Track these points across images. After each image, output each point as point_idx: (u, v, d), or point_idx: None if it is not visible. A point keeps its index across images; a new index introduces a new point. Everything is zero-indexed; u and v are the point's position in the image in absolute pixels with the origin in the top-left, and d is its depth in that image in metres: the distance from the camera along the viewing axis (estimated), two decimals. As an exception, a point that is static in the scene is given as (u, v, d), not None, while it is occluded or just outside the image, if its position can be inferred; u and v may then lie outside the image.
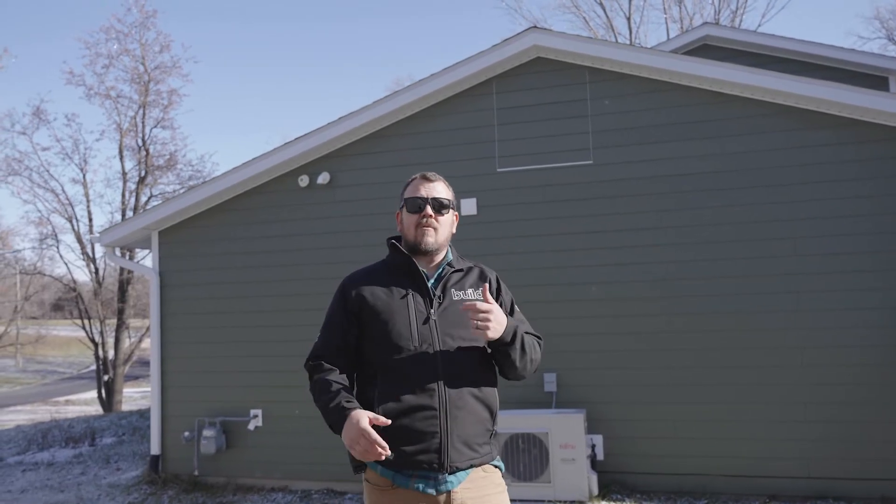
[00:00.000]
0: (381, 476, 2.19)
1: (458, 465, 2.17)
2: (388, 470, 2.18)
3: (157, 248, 7.66)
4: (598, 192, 6.45)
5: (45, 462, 9.15)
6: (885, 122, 5.80)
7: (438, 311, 2.28)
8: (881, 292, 5.74)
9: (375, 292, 2.30)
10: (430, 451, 2.15)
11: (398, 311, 2.26)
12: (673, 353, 6.16)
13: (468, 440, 2.20)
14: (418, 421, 2.16)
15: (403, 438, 2.14)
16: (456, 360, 2.23)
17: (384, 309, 2.27)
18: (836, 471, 5.71)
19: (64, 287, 23.65)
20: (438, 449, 2.15)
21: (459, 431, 2.18)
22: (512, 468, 5.90)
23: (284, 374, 7.06)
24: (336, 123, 7.05)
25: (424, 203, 2.34)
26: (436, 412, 2.16)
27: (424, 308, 2.28)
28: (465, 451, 2.18)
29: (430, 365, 2.20)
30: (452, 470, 2.16)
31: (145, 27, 20.21)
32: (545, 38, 6.60)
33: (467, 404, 2.21)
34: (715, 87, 6.22)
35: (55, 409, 19.20)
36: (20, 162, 19.77)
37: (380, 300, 2.28)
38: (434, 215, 2.34)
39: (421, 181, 2.39)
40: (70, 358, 37.86)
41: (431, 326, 2.25)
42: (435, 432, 2.15)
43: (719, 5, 22.50)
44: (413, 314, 2.26)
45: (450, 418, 2.17)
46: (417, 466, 2.15)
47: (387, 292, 2.30)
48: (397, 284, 2.32)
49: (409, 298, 2.28)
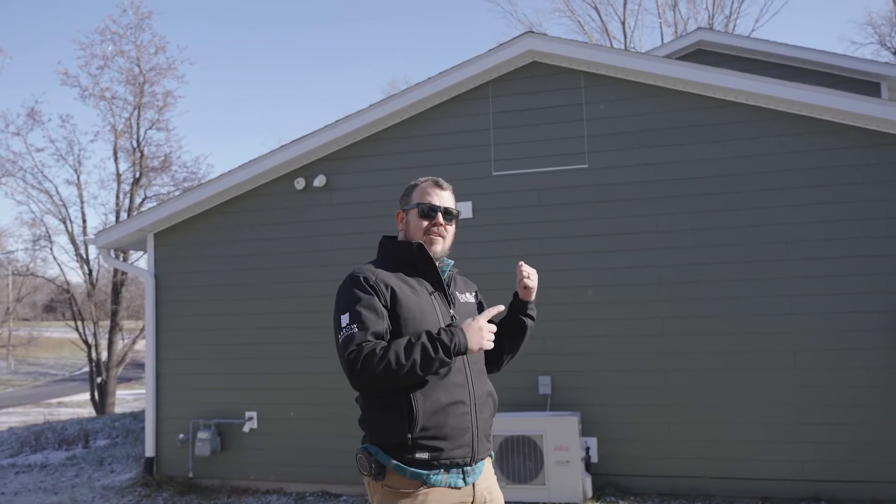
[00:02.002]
0: (410, 479, 2.17)
1: (482, 456, 2.30)
2: (421, 470, 2.17)
3: (152, 250, 7.66)
4: (593, 195, 6.49)
5: (39, 464, 9.12)
6: (878, 128, 5.86)
7: (455, 311, 2.37)
8: (875, 296, 5.78)
9: (404, 289, 2.28)
10: (463, 445, 2.22)
11: (427, 309, 2.29)
12: (667, 356, 6.20)
13: (486, 433, 2.32)
14: (454, 417, 2.21)
15: (440, 435, 2.18)
16: (475, 358, 2.34)
17: (415, 307, 2.26)
18: (829, 473, 5.75)
19: (57, 288, 23.58)
20: (471, 443, 2.24)
21: (482, 425, 2.29)
22: (507, 470, 5.92)
23: (280, 376, 7.07)
24: (332, 126, 7.07)
25: (436, 211, 2.39)
26: (468, 408, 2.25)
27: (446, 308, 2.35)
28: (485, 444, 2.32)
29: (459, 363, 2.27)
30: (477, 461, 2.28)
31: (140, 29, 20.25)
32: (541, 43, 6.64)
33: (487, 400, 2.34)
34: (709, 91, 6.27)
35: (48, 411, 19.12)
36: (14, 163, 19.76)
37: (410, 298, 2.27)
38: (444, 224, 2.40)
39: (433, 187, 2.43)
40: (62, 360, 37.71)
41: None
42: (468, 427, 2.23)
43: (713, 10, 22.66)
44: (440, 314, 2.31)
45: (478, 413, 2.28)
46: (452, 461, 2.21)
47: (412, 290, 2.31)
48: (419, 283, 2.35)
49: (434, 298, 2.34)
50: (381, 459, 2.19)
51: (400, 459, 2.17)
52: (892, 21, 23.21)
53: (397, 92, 7.14)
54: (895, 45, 23.02)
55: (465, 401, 2.23)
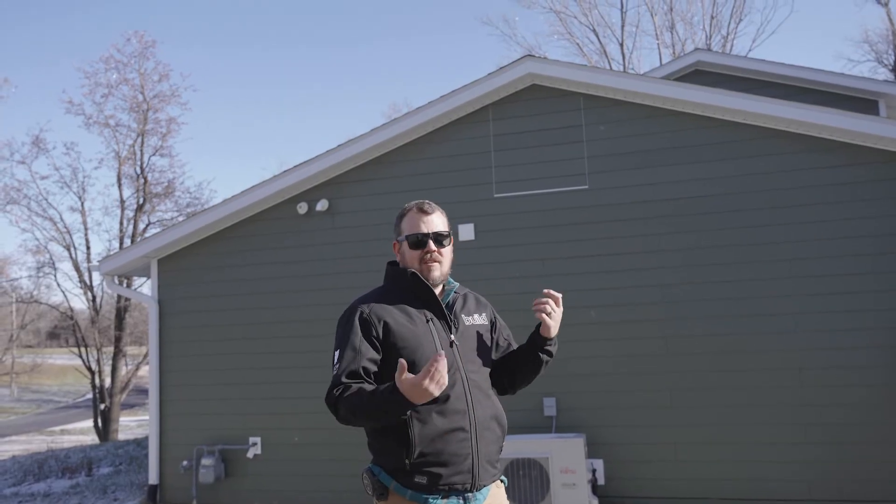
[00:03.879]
0: (410, 501, 2.20)
1: (484, 482, 2.27)
2: (421, 494, 2.19)
3: (156, 276, 7.69)
4: (594, 216, 6.51)
5: (42, 493, 9.06)
6: (876, 146, 5.89)
7: (457, 336, 2.34)
8: (879, 312, 5.77)
9: (398, 319, 2.29)
10: (463, 471, 2.21)
11: (423, 336, 2.29)
12: (672, 376, 6.17)
13: (491, 459, 2.29)
14: (453, 444, 2.20)
15: (438, 462, 2.19)
16: (478, 382, 2.31)
17: (410, 336, 2.28)
18: (836, 492, 5.70)
19: (60, 315, 23.57)
20: (471, 469, 2.22)
21: (485, 451, 2.27)
22: (513, 493, 5.87)
23: (284, 402, 7.04)
24: (334, 151, 7.12)
25: (426, 239, 2.36)
26: (468, 434, 2.23)
27: (446, 334, 2.33)
28: (489, 470, 2.28)
29: (459, 389, 2.25)
30: (479, 488, 2.26)
31: (144, 57, 20.44)
32: (540, 66, 6.71)
33: (490, 425, 2.30)
34: (707, 112, 6.32)
35: (51, 438, 19.02)
36: (19, 191, 19.84)
37: (404, 327, 2.29)
38: (437, 249, 2.37)
39: (419, 214, 2.40)
40: (66, 387, 37.57)
41: (455, 351, 2.30)
42: (467, 454, 2.22)
43: (710, 31, 22.87)
44: (438, 340, 2.30)
45: (479, 439, 2.25)
46: (451, 488, 2.21)
47: (409, 319, 2.31)
48: (416, 310, 2.34)
49: (431, 325, 2.32)
50: (384, 480, 2.23)
51: (400, 481, 2.21)
52: (889, 39, 23.41)
53: (399, 116, 7.21)
54: (892, 62, 23.18)
55: (465, 427, 2.22)
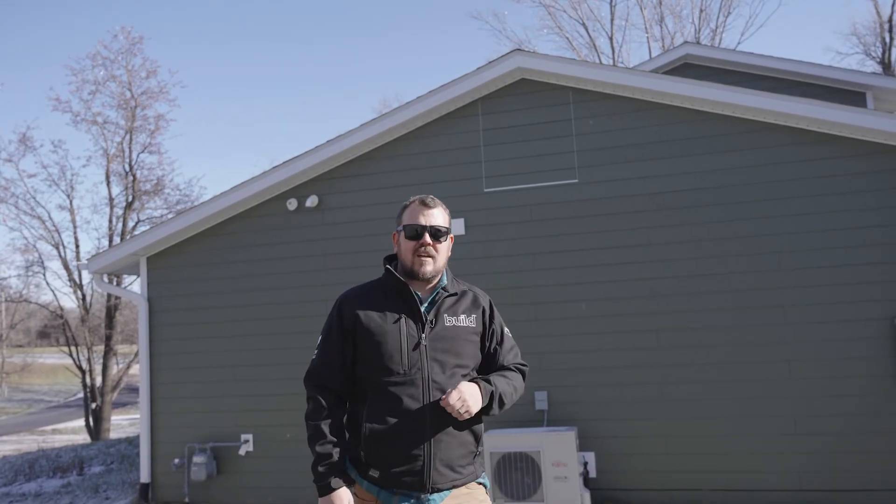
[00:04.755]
0: (366, 491, 2.26)
1: (440, 486, 2.23)
2: (374, 486, 2.25)
3: (145, 273, 7.64)
4: (584, 210, 6.52)
5: (33, 493, 9.01)
6: (864, 138, 5.92)
7: (430, 336, 2.29)
8: (870, 304, 5.81)
9: (370, 314, 2.32)
10: (413, 472, 2.20)
11: (390, 334, 2.28)
12: (663, 369, 6.20)
13: (451, 463, 2.25)
14: (403, 444, 2.20)
15: (389, 458, 2.21)
16: (444, 386, 2.25)
17: (377, 331, 2.29)
18: (827, 483, 5.74)
19: (50, 314, 23.42)
20: (421, 471, 2.20)
21: (442, 455, 2.22)
22: (504, 488, 5.88)
23: (275, 398, 7.03)
24: (324, 147, 7.10)
25: (423, 231, 2.34)
26: (420, 437, 2.21)
27: (416, 333, 2.29)
28: (447, 473, 2.24)
29: (418, 390, 2.23)
30: (434, 491, 2.23)
31: (132, 53, 20.30)
32: (529, 60, 6.70)
33: (451, 430, 2.24)
34: (696, 105, 6.33)
35: (42, 438, 18.92)
36: (6, 189, 19.67)
37: (373, 321, 2.30)
38: (432, 243, 2.35)
39: (420, 207, 2.38)
40: (56, 386, 37.39)
41: (421, 352, 2.27)
42: (419, 455, 2.20)
43: (699, 24, 22.90)
44: (405, 339, 2.28)
45: (434, 443, 2.21)
46: (401, 485, 2.22)
47: (381, 315, 2.31)
48: (391, 307, 2.33)
49: (401, 322, 2.30)
50: (348, 468, 2.29)
51: (358, 471, 2.28)
52: (877, 31, 23.52)
53: (388, 111, 7.19)
54: (880, 55, 23.31)
55: (418, 430, 2.20)
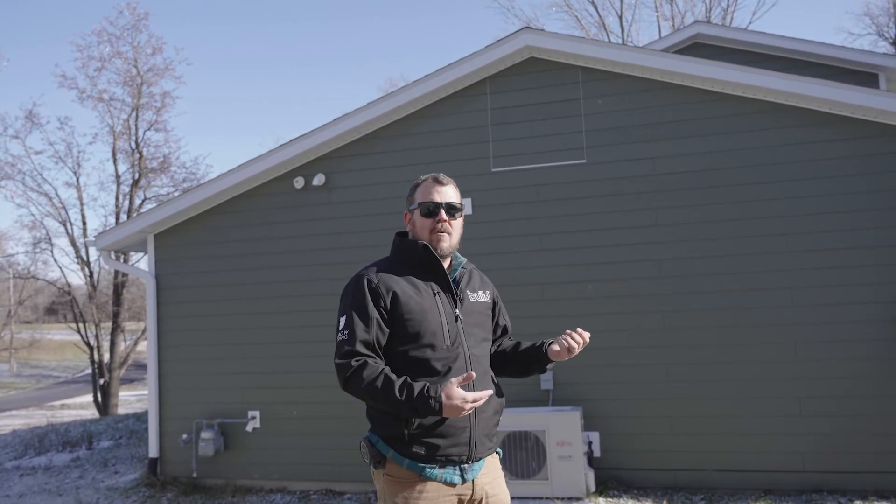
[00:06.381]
0: (407, 470, 2.25)
1: (481, 455, 2.33)
2: (418, 463, 2.25)
3: (152, 251, 7.67)
4: (592, 190, 6.49)
5: (43, 466, 9.14)
6: (876, 119, 5.86)
7: (462, 311, 2.38)
8: (875, 287, 5.79)
9: (406, 290, 2.33)
10: (460, 444, 2.26)
11: (430, 310, 2.33)
12: (669, 350, 6.21)
13: (489, 432, 2.35)
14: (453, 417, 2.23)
15: (437, 433, 2.24)
16: (480, 357, 2.37)
17: (417, 308, 2.31)
18: (830, 464, 5.76)
19: (58, 291, 23.57)
20: (468, 442, 2.28)
21: (483, 425, 2.32)
22: (509, 466, 5.93)
23: (282, 375, 7.08)
24: (331, 125, 7.07)
25: (438, 208, 2.39)
26: None
27: (452, 308, 2.37)
28: (486, 443, 2.34)
29: (462, 362, 2.30)
30: (476, 459, 2.31)
31: (137, 30, 20.22)
32: (538, 39, 6.63)
33: (489, 399, 2.31)
34: (706, 85, 6.27)
35: (51, 413, 19.13)
36: (13, 166, 19.72)
37: (412, 299, 2.32)
38: (448, 220, 2.40)
39: (433, 184, 2.43)
40: (65, 362, 37.74)
41: (459, 326, 2.35)
42: (465, 427, 2.27)
43: (710, 3, 22.61)
44: (444, 313, 2.33)
45: (478, 413, 2.29)
46: (448, 458, 2.26)
47: (416, 291, 2.35)
48: (424, 282, 2.37)
49: (438, 298, 2.36)
50: (381, 449, 2.28)
51: (398, 450, 2.26)
52: (890, 12, 23.19)
53: (395, 90, 7.15)
54: (893, 35, 22.99)
55: None
